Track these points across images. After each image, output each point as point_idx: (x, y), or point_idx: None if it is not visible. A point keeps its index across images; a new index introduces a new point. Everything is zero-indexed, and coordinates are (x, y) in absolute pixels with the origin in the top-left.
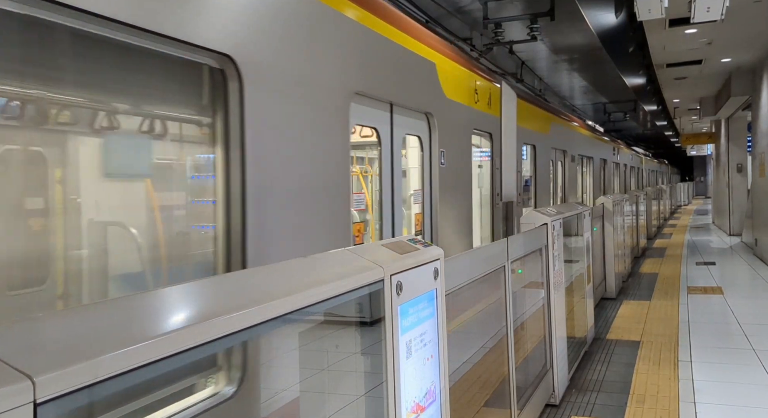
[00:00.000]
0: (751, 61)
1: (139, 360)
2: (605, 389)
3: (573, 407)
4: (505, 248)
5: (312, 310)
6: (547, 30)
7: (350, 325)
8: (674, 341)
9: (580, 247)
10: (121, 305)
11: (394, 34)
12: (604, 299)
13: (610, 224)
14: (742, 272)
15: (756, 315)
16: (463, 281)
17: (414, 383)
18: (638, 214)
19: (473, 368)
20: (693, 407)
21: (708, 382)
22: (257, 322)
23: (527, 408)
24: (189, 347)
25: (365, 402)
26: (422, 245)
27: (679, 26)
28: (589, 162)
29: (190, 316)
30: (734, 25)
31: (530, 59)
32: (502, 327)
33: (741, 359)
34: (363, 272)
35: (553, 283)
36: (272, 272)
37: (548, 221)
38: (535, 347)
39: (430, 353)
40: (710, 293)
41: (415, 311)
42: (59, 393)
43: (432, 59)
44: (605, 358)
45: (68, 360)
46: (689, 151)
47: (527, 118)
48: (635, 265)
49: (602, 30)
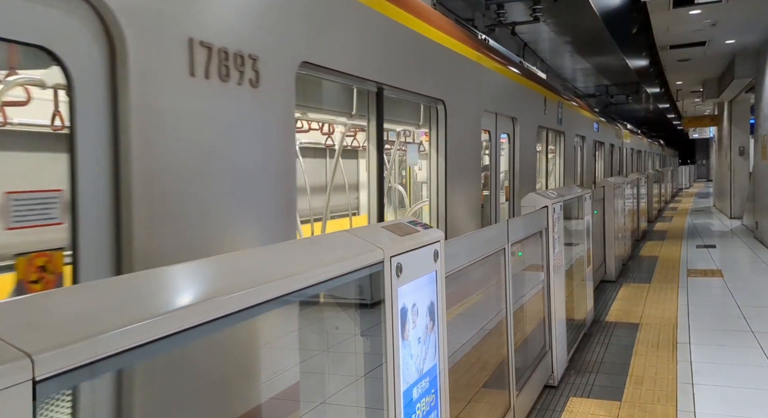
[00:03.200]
0: (756, 43)
1: (139, 339)
2: (604, 370)
3: (572, 389)
4: (505, 231)
5: (311, 291)
6: (550, 11)
7: (351, 307)
8: (673, 324)
9: (580, 230)
10: (122, 283)
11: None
12: (603, 282)
13: (611, 207)
14: (742, 254)
15: (755, 298)
16: (463, 263)
17: (413, 364)
18: (639, 197)
19: (473, 349)
20: (691, 388)
21: (706, 364)
22: (257, 302)
23: (526, 389)
24: (188, 327)
25: (365, 383)
26: (422, 227)
27: (684, 7)
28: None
29: (190, 295)
30: (739, 6)
31: (532, 41)
32: (502, 309)
33: (740, 341)
34: (363, 253)
35: (553, 265)
36: (272, 253)
37: (549, 203)
38: (535, 329)
39: (430, 335)
40: (710, 275)
41: (414, 293)
42: (58, 371)
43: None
44: (604, 340)
45: (68, 338)
46: (691, 134)
47: None
48: (635, 248)
49: (605, 11)
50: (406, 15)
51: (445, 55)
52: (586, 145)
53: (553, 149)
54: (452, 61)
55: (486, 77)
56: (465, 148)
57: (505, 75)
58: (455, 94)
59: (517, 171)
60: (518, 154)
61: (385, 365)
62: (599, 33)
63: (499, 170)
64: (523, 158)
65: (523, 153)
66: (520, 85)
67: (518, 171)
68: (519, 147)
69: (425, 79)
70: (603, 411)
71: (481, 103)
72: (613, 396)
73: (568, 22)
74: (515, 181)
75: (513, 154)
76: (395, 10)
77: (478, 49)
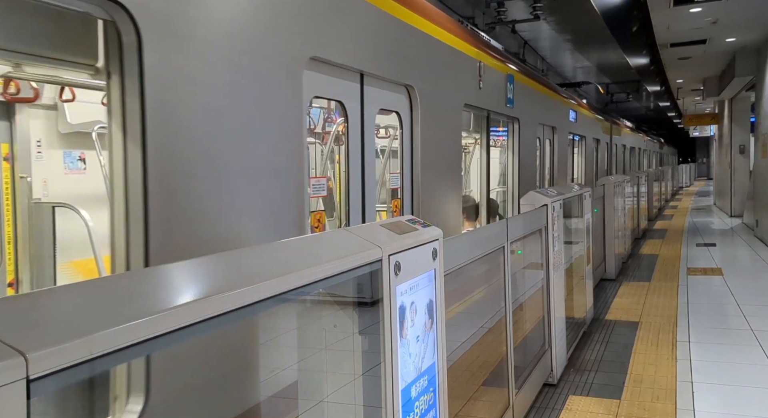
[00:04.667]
0: (756, 41)
1: (134, 337)
2: (603, 368)
3: (571, 387)
4: (505, 229)
5: (309, 289)
6: (550, 9)
7: (350, 305)
8: (673, 322)
9: (580, 228)
10: (117, 281)
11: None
12: (603, 280)
13: (611, 206)
14: (743, 253)
15: (755, 296)
16: (462, 262)
17: (411, 363)
18: (639, 195)
19: (472, 348)
20: (690, 386)
21: (706, 362)
22: (254, 300)
23: (525, 387)
24: (184, 325)
25: (363, 381)
26: (421, 226)
27: (684, 5)
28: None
29: (186, 294)
30: (739, 4)
31: (533, 39)
32: (501, 308)
33: (739, 339)
34: (361, 251)
35: (553, 264)
36: (270, 251)
37: (548, 202)
38: (534, 328)
39: (428, 333)
40: (710, 274)
41: (413, 291)
42: (52, 370)
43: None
44: (604, 338)
45: (62, 337)
46: (692, 132)
47: None
48: (635, 246)
49: (606, 9)
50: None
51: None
52: (559, 138)
53: (501, 142)
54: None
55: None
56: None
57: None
58: None
59: (420, 170)
60: (421, 144)
61: (384, 363)
62: (600, 31)
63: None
64: (432, 150)
65: (432, 143)
66: (421, 34)
67: (421, 168)
68: (422, 134)
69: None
70: (602, 409)
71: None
72: (613, 394)
73: (568, 20)
74: (415, 191)
75: (413, 145)
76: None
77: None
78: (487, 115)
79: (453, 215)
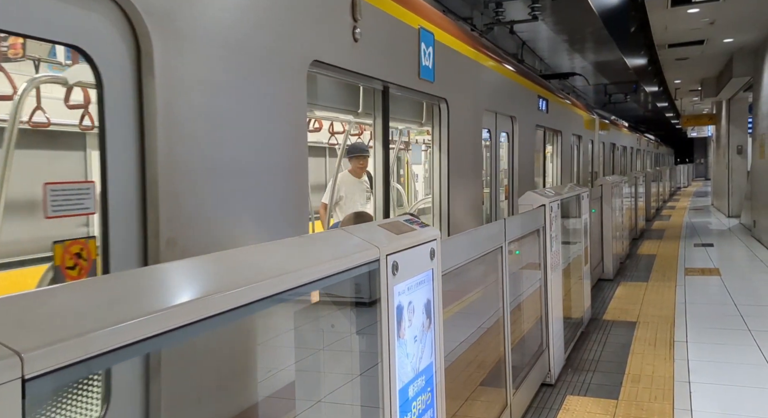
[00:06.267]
0: (754, 42)
1: (131, 337)
2: (601, 369)
3: (568, 387)
4: (503, 229)
5: (307, 289)
6: (549, 9)
7: (349, 305)
8: (670, 322)
9: (578, 228)
10: (113, 281)
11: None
12: (601, 280)
13: (609, 206)
14: (740, 253)
15: (752, 296)
16: (460, 262)
17: (409, 363)
18: (637, 196)
19: (470, 348)
20: (688, 386)
21: (703, 362)
22: (251, 300)
23: (523, 387)
24: (180, 325)
25: (361, 382)
26: (419, 226)
27: (681, 6)
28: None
29: (183, 293)
30: (737, 4)
31: (531, 39)
32: (499, 308)
33: (736, 339)
34: (359, 251)
35: (551, 264)
36: (267, 251)
37: (546, 202)
38: (532, 328)
39: (426, 333)
40: (707, 274)
41: (411, 291)
42: (48, 369)
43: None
44: (601, 338)
45: (58, 336)
46: (690, 132)
47: None
48: (633, 246)
49: (604, 9)
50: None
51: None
52: (520, 132)
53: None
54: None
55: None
56: None
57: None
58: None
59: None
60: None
61: (381, 363)
62: (598, 32)
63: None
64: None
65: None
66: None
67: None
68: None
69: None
70: (600, 409)
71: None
72: (610, 394)
73: (566, 21)
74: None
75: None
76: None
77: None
78: (384, 90)
79: None
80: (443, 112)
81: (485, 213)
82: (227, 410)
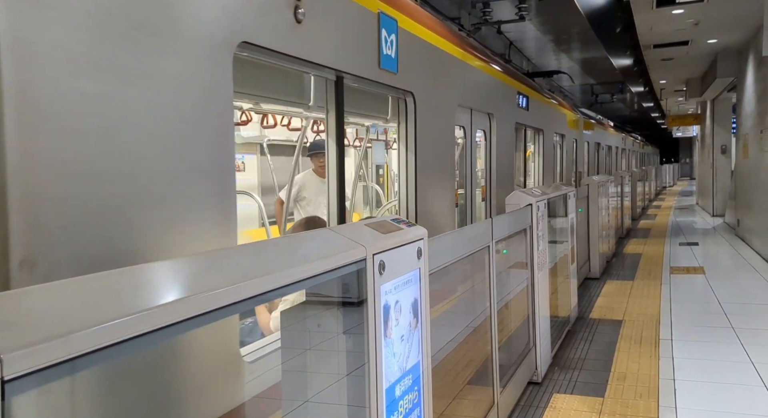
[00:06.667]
0: (737, 43)
1: (113, 337)
2: (587, 367)
3: (555, 385)
4: (490, 228)
5: (291, 290)
6: (536, 10)
7: (336, 305)
8: (656, 320)
9: (564, 227)
10: (95, 281)
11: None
12: (588, 279)
13: (595, 205)
14: (724, 252)
15: (736, 294)
16: (447, 261)
17: (395, 362)
18: (623, 195)
19: (457, 347)
20: (672, 384)
21: (688, 359)
22: (236, 300)
23: (510, 386)
24: (163, 325)
25: (347, 381)
26: (406, 225)
27: (666, 6)
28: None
29: (167, 293)
30: (721, 6)
31: (518, 40)
32: (486, 307)
33: (720, 337)
34: (345, 251)
35: (537, 263)
36: (252, 251)
37: (533, 201)
38: (519, 326)
39: (413, 333)
40: (692, 272)
41: (398, 291)
42: (28, 370)
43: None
44: (588, 337)
45: (38, 337)
46: (675, 132)
47: None
48: (619, 245)
49: (590, 10)
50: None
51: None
52: (498, 130)
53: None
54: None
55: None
56: None
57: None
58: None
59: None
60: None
61: (368, 363)
62: (584, 32)
63: None
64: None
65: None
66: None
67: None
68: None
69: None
70: (586, 407)
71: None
72: (596, 392)
73: (553, 21)
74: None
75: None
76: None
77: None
78: (337, 81)
79: None
80: (410, 106)
81: (460, 216)
82: (211, 410)
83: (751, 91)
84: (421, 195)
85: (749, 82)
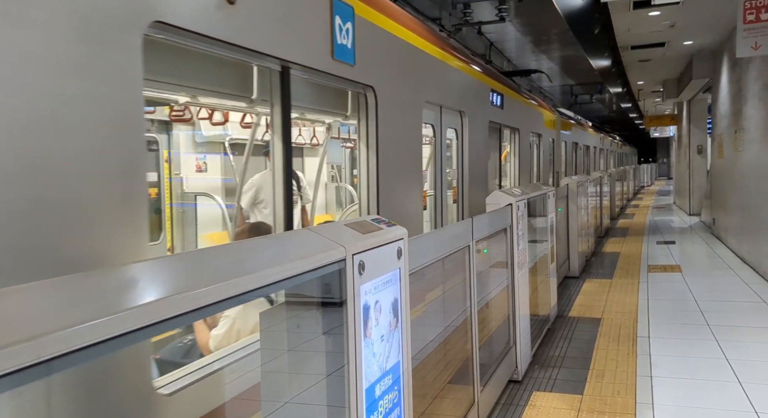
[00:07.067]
0: (712, 45)
1: (86, 340)
2: (566, 364)
3: (535, 383)
4: (470, 228)
5: (270, 290)
6: (515, 10)
7: (316, 306)
8: (633, 318)
9: (544, 227)
10: (67, 283)
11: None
12: (567, 278)
13: (575, 205)
14: (700, 250)
15: (712, 292)
16: (427, 261)
17: (375, 362)
18: (602, 195)
19: (438, 347)
20: (650, 380)
21: (664, 357)
22: (214, 301)
23: (490, 385)
24: (139, 327)
25: (327, 382)
26: (386, 225)
27: (643, 8)
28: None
29: (143, 294)
30: (696, 8)
31: (499, 40)
32: (467, 306)
33: (696, 334)
34: (324, 251)
35: (518, 262)
36: (231, 251)
37: (513, 201)
38: (499, 325)
39: (393, 333)
40: (669, 271)
41: (378, 291)
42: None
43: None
44: (567, 335)
45: (7, 340)
46: (653, 132)
47: None
48: (598, 244)
49: (569, 11)
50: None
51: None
52: (470, 129)
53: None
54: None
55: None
56: None
57: None
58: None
59: None
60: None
61: (347, 363)
62: (563, 33)
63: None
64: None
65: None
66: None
67: None
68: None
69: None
70: (565, 405)
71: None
72: (575, 390)
73: (532, 22)
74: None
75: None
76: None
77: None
78: (283, 71)
79: None
80: (370, 102)
81: (430, 219)
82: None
83: (725, 92)
84: (384, 197)
85: (724, 84)
